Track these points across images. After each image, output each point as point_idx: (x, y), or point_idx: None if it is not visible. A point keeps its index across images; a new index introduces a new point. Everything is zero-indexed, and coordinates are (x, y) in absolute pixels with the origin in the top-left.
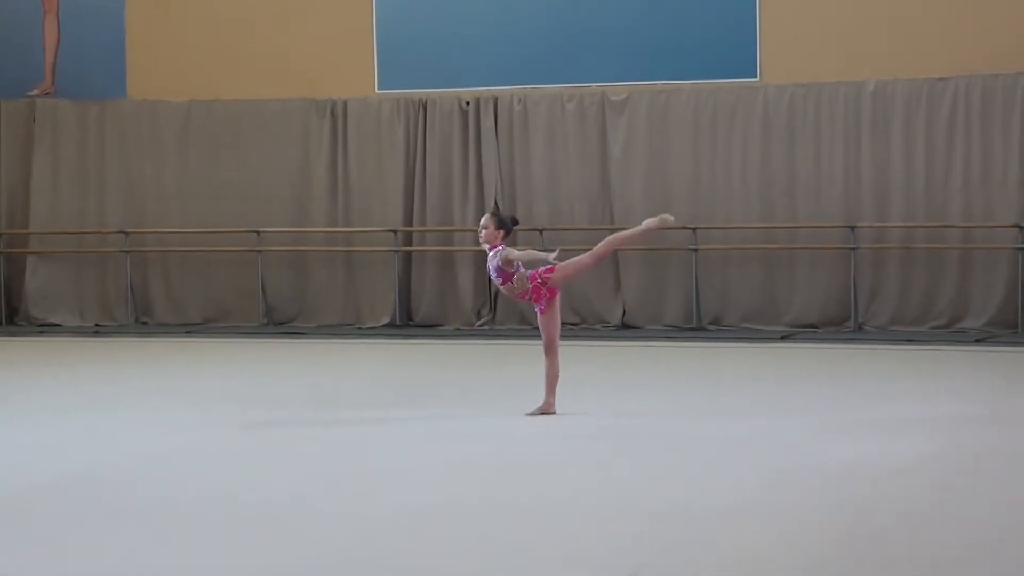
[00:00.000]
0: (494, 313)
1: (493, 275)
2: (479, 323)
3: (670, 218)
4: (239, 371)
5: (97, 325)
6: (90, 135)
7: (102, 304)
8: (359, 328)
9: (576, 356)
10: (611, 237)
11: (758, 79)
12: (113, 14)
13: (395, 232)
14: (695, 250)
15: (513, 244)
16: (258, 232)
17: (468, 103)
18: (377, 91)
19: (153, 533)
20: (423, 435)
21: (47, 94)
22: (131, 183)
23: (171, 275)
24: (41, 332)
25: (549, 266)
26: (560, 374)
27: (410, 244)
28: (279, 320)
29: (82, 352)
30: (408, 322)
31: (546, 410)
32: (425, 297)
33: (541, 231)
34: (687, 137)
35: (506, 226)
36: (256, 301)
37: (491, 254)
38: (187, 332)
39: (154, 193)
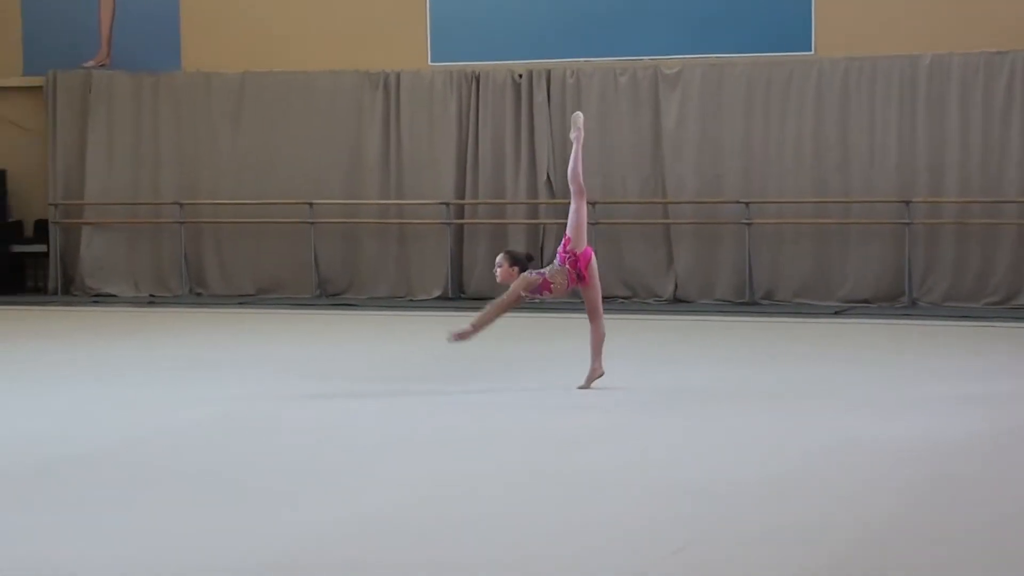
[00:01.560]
0: None
1: (536, 297)
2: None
3: (578, 114)
4: (292, 342)
5: (151, 296)
6: (145, 106)
7: (156, 275)
8: (411, 300)
9: (627, 329)
10: (570, 174)
11: (813, 52)
12: None
13: (447, 205)
14: (748, 224)
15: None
16: (311, 204)
17: (521, 76)
18: (430, 63)
19: (203, 499)
20: (470, 406)
21: (103, 66)
22: (185, 154)
23: (224, 246)
24: (96, 302)
25: (565, 239)
26: (606, 342)
27: (462, 217)
28: (331, 292)
29: (136, 322)
30: (460, 295)
31: (594, 375)
32: (477, 270)
33: (593, 205)
34: (740, 111)
35: (520, 263)
36: (309, 273)
37: (524, 277)
38: (240, 303)
39: (208, 164)
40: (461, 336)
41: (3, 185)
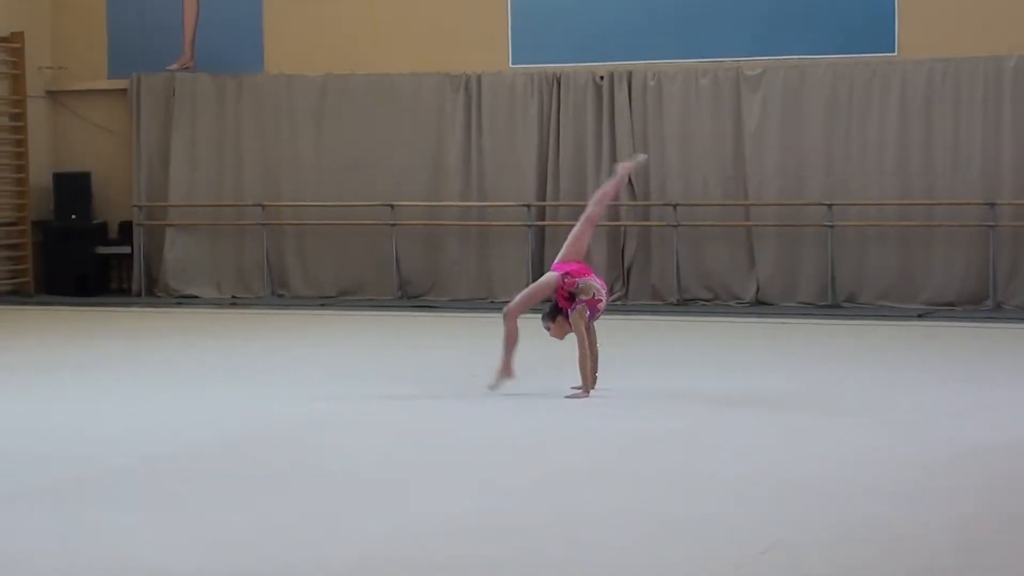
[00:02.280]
0: (627, 289)
1: (599, 311)
2: (612, 298)
3: (642, 157)
4: (374, 344)
5: (234, 297)
6: (227, 109)
7: (239, 276)
8: (492, 302)
9: (708, 332)
10: (597, 196)
11: (896, 54)
12: None
13: (528, 207)
14: (831, 227)
15: (645, 216)
16: (392, 206)
17: (602, 78)
18: (511, 65)
19: (305, 497)
20: (557, 406)
21: (187, 68)
22: (267, 156)
23: (306, 248)
24: (179, 303)
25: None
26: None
27: (543, 219)
28: (413, 294)
29: (219, 323)
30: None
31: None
32: None
33: (675, 206)
34: (822, 112)
35: (555, 313)
36: (390, 274)
37: (574, 314)
38: (322, 305)
39: (290, 166)
40: (580, 395)
41: (88, 187)
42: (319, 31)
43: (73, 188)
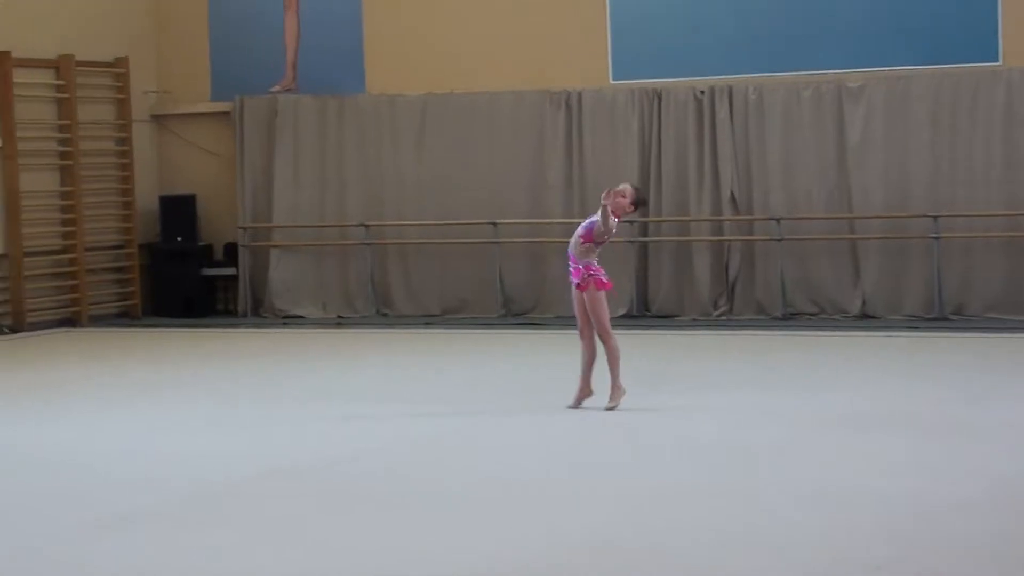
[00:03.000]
0: (731, 303)
1: (584, 225)
2: (716, 313)
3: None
4: (479, 362)
5: (339, 317)
6: (330, 129)
7: (344, 296)
8: None
9: (815, 346)
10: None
11: (1000, 63)
12: (351, 9)
13: (631, 222)
14: (936, 238)
15: (749, 231)
16: (495, 224)
17: (703, 92)
18: (611, 81)
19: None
20: (660, 421)
21: (289, 90)
22: (370, 176)
23: (410, 267)
24: (285, 324)
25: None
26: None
27: (646, 234)
28: (517, 311)
29: (325, 343)
30: (644, 312)
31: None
32: (662, 287)
33: (778, 220)
34: (926, 124)
35: (637, 204)
36: (494, 292)
37: (605, 218)
38: (426, 323)
39: (392, 185)
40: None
41: (194, 209)
42: (419, 51)
43: (179, 210)
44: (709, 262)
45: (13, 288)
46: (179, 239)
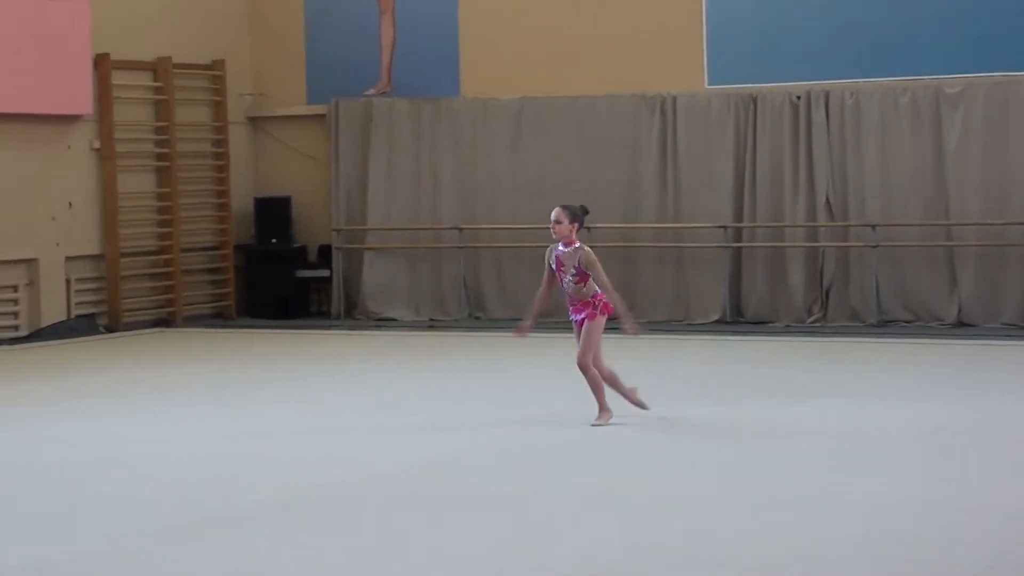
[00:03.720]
0: (825, 310)
1: (571, 273)
2: (810, 320)
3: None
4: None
5: (431, 320)
6: (424, 133)
7: (436, 299)
8: (688, 324)
9: (908, 354)
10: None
11: None
12: (447, 13)
13: (725, 228)
14: None
15: (844, 237)
16: (588, 228)
17: (799, 97)
18: (707, 86)
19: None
20: (751, 429)
21: (384, 93)
22: (464, 179)
23: (503, 270)
24: (378, 326)
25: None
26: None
27: (740, 240)
28: (609, 317)
29: (416, 346)
30: (738, 319)
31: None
32: (755, 294)
33: (874, 227)
34: None
35: (579, 219)
36: None
37: (567, 250)
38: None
39: (486, 189)
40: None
41: (288, 211)
42: (514, 55)
43: (273, 212)
44: (803, 268)
45: (110, 288)
46: (274, 241)
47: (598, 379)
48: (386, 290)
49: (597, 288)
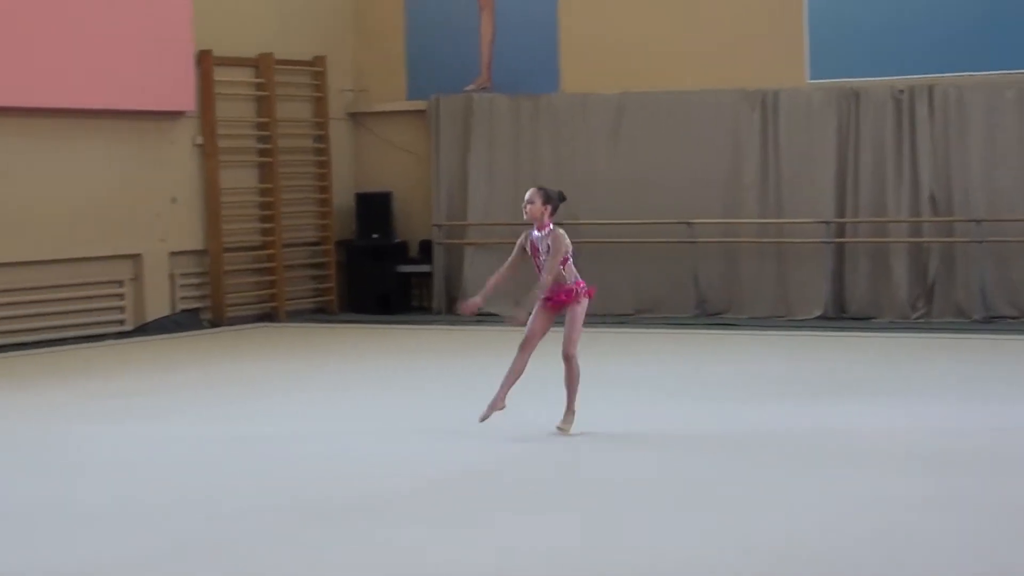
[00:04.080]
0: (929, 306)
1: (543, 254)
2: (915, 316)
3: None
4: (675, 361)
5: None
6: (524, 128)
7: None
8: (790, 320)
9: (1016, 351)
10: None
11: None
12: (547, 9)
13: (827, 223)
14: None
15: (948, 232)
16: (689, 223)
17: (902, 92)
18: (808, 81)
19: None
20: (860, 427)
21: (484, 89)
22: (563, 175)
23: (603, 266)
24: (479, 321)
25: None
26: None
27: (842, 235)
28: (711, 311)
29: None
30: (840, 314)
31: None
32: (858, 289)
33: (979, 222)
34: None
35: (553, 202)
36: (687, 292)
37: (540, 234)
38: (619, 322)
39: (586, 184)
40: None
41: (389, 207)
42: (614, 49)
43: (375, 208)
44: (907, 263)
45: (213, 283)
46: (375, 236)
47: (576, 375)
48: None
49: (577, 274)
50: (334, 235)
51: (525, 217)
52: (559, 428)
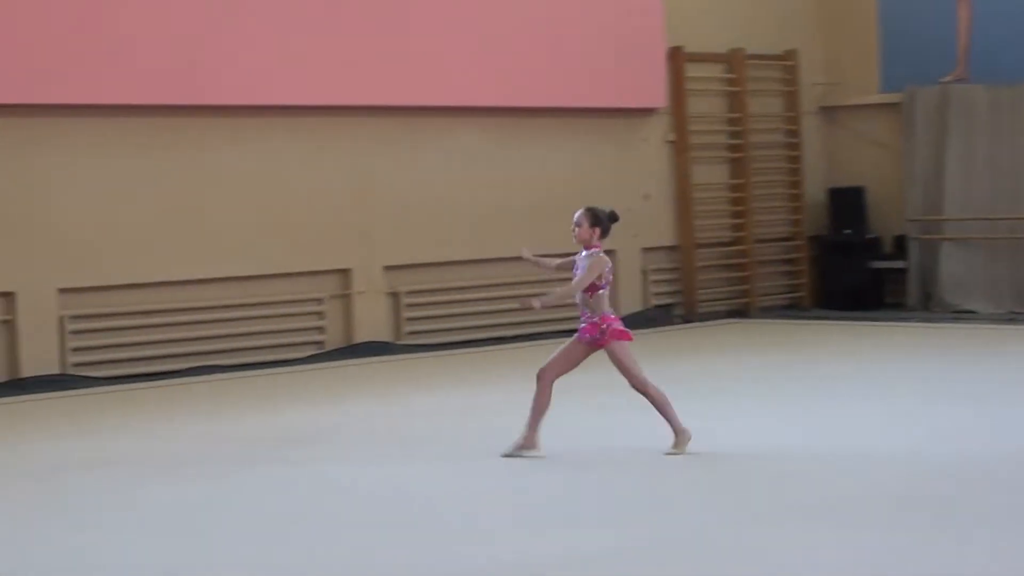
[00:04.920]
0: None
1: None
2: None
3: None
4: None
5: (1011, 312)
6: (1003, 119)
7: (1016, 291)
8: None
9: None
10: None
11: None
12: None
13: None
14: None
15: None
16: None
17: None
18: None
19: None
20: None
21: (960, 80)
22: None
23: None
24: (955, 319)
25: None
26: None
27: None
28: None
29: (995, 340)
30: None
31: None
32: None
33: None
34: None
35: (601, 223)
36: None
37: (584, 253)
38: None
39: None
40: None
41: (862, 202)
42: None
43: (847, 203)
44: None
45: (685, 279)
46: (847, 231)
47: (662, 398)
48: (964, 282)
49: (609, 309)
50: (806, 230)
51: (574, 241)
52: (669, 454)
